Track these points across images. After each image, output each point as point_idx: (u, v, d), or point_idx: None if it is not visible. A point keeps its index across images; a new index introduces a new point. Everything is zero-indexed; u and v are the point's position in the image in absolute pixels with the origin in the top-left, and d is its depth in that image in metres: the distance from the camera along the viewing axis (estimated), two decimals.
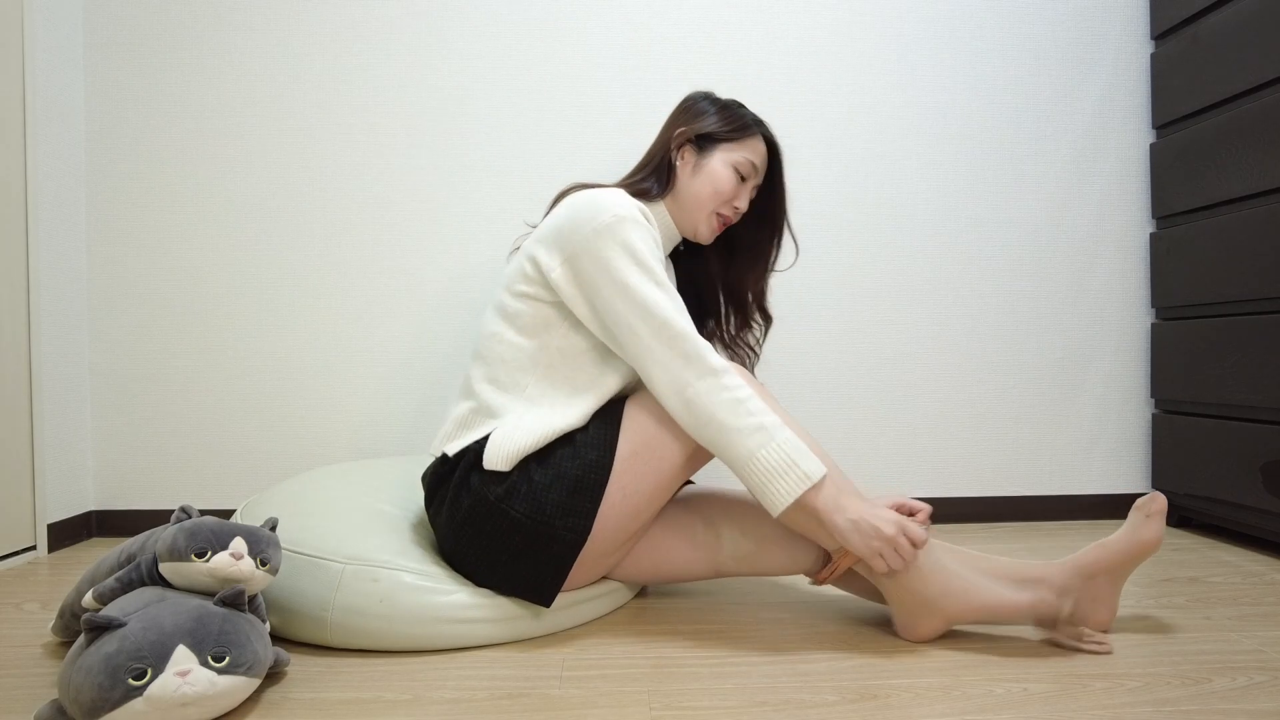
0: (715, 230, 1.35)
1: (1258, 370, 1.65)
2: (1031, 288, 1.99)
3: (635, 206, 1.21)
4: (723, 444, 1.10)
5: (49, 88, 1.74)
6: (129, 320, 1.87)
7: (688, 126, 1.33)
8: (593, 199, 1.20)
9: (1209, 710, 0.94)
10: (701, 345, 1.13)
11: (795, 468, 1.08)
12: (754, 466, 1.09)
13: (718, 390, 1.10)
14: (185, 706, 0.85)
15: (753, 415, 1.10)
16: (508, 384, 1.21)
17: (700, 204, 1.32)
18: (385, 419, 1.89)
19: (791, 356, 1.95)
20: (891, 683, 1.02)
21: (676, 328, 1.13)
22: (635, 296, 1.14)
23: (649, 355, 1.14)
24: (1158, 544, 1.15)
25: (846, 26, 1.95)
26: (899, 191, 1.97)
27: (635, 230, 1.17)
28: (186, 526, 0.99)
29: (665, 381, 1.13)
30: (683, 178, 1.33)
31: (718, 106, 1.35)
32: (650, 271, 1.16)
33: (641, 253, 1.16)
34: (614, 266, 1.15)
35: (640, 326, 1.14)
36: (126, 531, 1.87)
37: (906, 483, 1.98)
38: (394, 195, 1.89)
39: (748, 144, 1.33)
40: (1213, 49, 1.77)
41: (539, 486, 1.13)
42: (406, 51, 1.88)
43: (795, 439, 1.10)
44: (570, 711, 0.95)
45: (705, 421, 1.11)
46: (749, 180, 1.34)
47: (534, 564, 1.14)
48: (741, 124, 1.33)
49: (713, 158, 1.32)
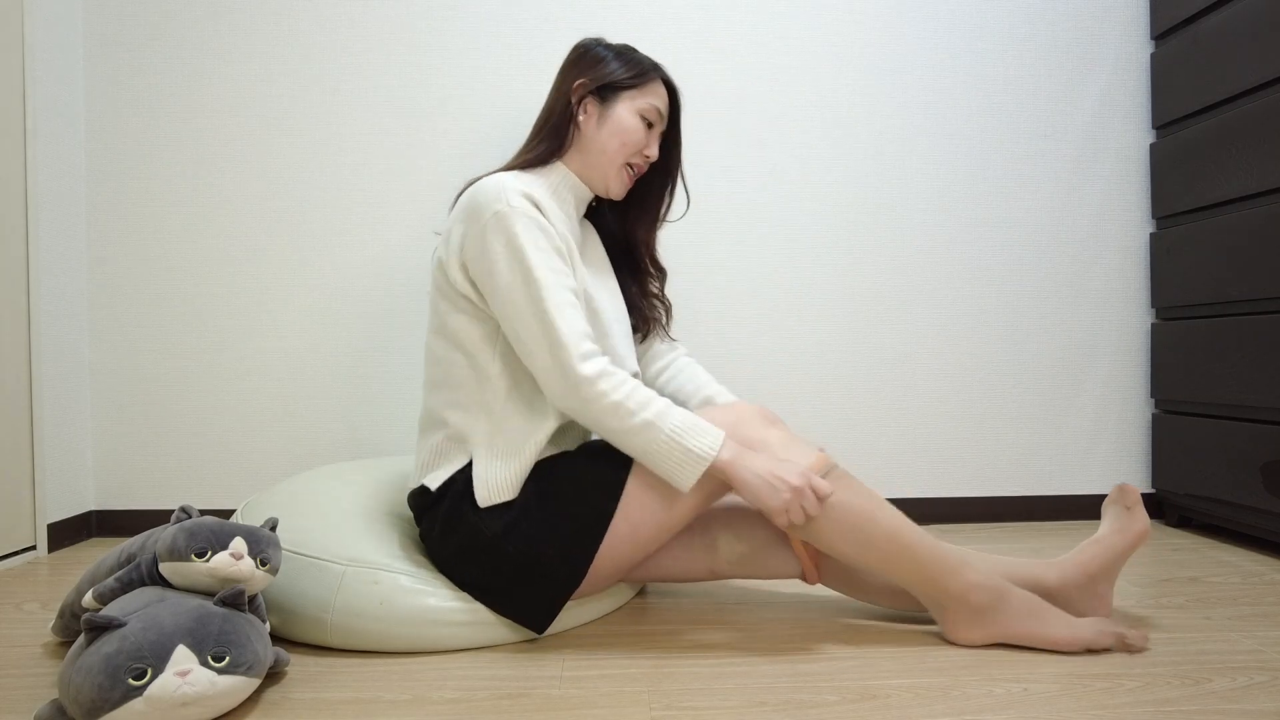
0: (627, 184, 1.30)
1: (1258, 370, 1.65)
2: (1031, 288, 1.99)
3: (518, 193, 1.15)
4: (618, 444, 1.11)
5: (49, 88, 1.74)
6: (129, 320, 1.87)
7: (587, 77, 1.26)
8: (477, 194, 1.16)
9: (1209, 710, 0.94)
10: (575, 353, 1.10)
11: (688, 452, 1.09)
12: (650, 461, 1.10)
13: (595, 398, 1.09)
14: (185, 706, 0.85)
15: (634, 415, 1.09)
16: (472, 405, 1.18)
17: (610, 157, 1.26)
18: (385, 419, 1.89)
19: (792, 356, 1.95)
20: (891, 683, 1.02)
21: (553, 335, 1.10)
22: (516, 300, 1.11)
23: (533, 360, 1.12)
24: (1147, 532, 1.16)
25: (846, 27, 1.95)
26: (899, 191, 1.97)
27: (517, 223, 1.12)
28: (186, 526, 0.99)
29: (549, 388, 1.12)
30: (587, 131, 1.26)
31: (614, 52, 1.28)
32: (530, 271, 1.11)
33: (523, 249, 1.11)
34: (498, 269, 1.12)
35: (521, 331, 1.12)
36: (126, 531, 1.87)
37: (907, 482, 1.98)
38: (394, 195, 1.89)
39: (650, 89, 1.27)
40: (1213, 49, 1.77)
41: (538, 524, 1.12)
42: (407, 51, 1.88)
43: (683, 421, 1.09)
44: (570, 711, 0.95)
45: (595, 427, 1.12)
46: (656, 127, 1.28)
47: (528, 596, 1.14)
48: (641, 69, 1.27)
49: (617, 106, 1.25)
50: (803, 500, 1.08)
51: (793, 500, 1.08)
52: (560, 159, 1.29)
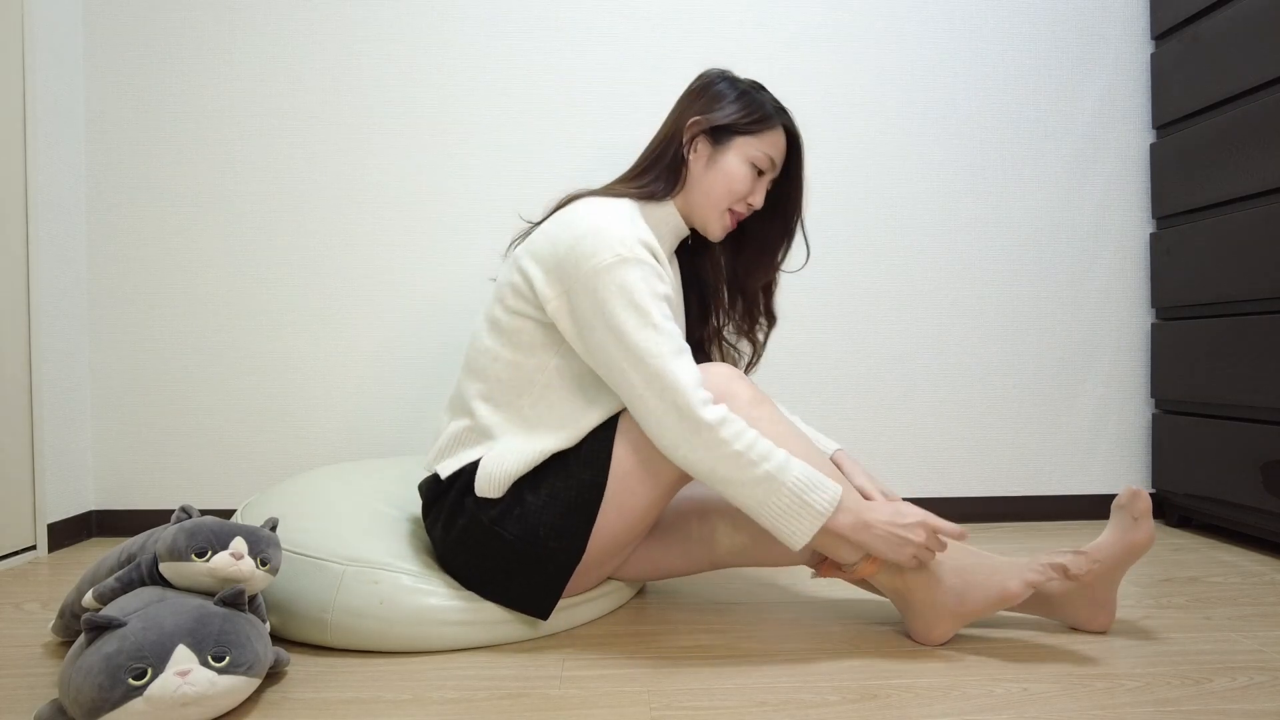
0: (728, 228, 1.26)
1: (1258, 370, 1.65)
2: (1031, 288, 1.99)
3: (639, 242, 1.12)
4: (730, 495, 1.07)
5: (49, 88, 1.74)
6: (129, 320, 1.87)
7: (703, 116, 1.22)
8: (595, 232, 1.11)
9: (1209, 710, 0.94)
10: (695, 399, 1.05)
11: (808, 508, 1.04)
12: (765, 514, 1.05)
13: (715, 445, 1.04)
14: (185, 706, 0.85)
15: (755, 466, 1.04)
16: (504, 404, 1.17)
17: (713, 202, 1.23)
18: (385, 419, 1.89)
19: (793, 357, 1.95)
20: (891, 683, 1.02)
21: (669, 379, 1.06)
22: (629, 343, 1.07)
23: (642, 405, 1.08)
24: (1151, 543, 1.14)
25: (846, 26, 1.95)
26: (899, 192, 1.97)
27: (635, 271, 1.09)
28: (186, 526, 0.99)
29: (660, 435, 1.08)
30: (695, 172, 1.23)
31: (737, 92, 1.24)
32: (648, 315, 1.08)
33: (640, 295, 1.08)
34: (609, 310, 1.08)
35: (633, 375, 1.08)
36: (126, 531, 1.87)
37: (907, 482, 1.98)
38: (394, 195, 1.89)
39: (767, 137, 1.23)
40: (1213, 49, 1.77)
41: (531, 508, 1.12)
42: (407, 51, 1.88)
43: (803, 474, 1.05)
44: (570, 711, 0.95)
45: (709, 476, 1.06)
46: (766, 174, 1.24)
47: (528, 582, 1.14)
48: (763, 114, 1.22)
49: (729, 152, 1.21)
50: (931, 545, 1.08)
51: (920, 549, 1.08)
52: (671, 199, 1.25)
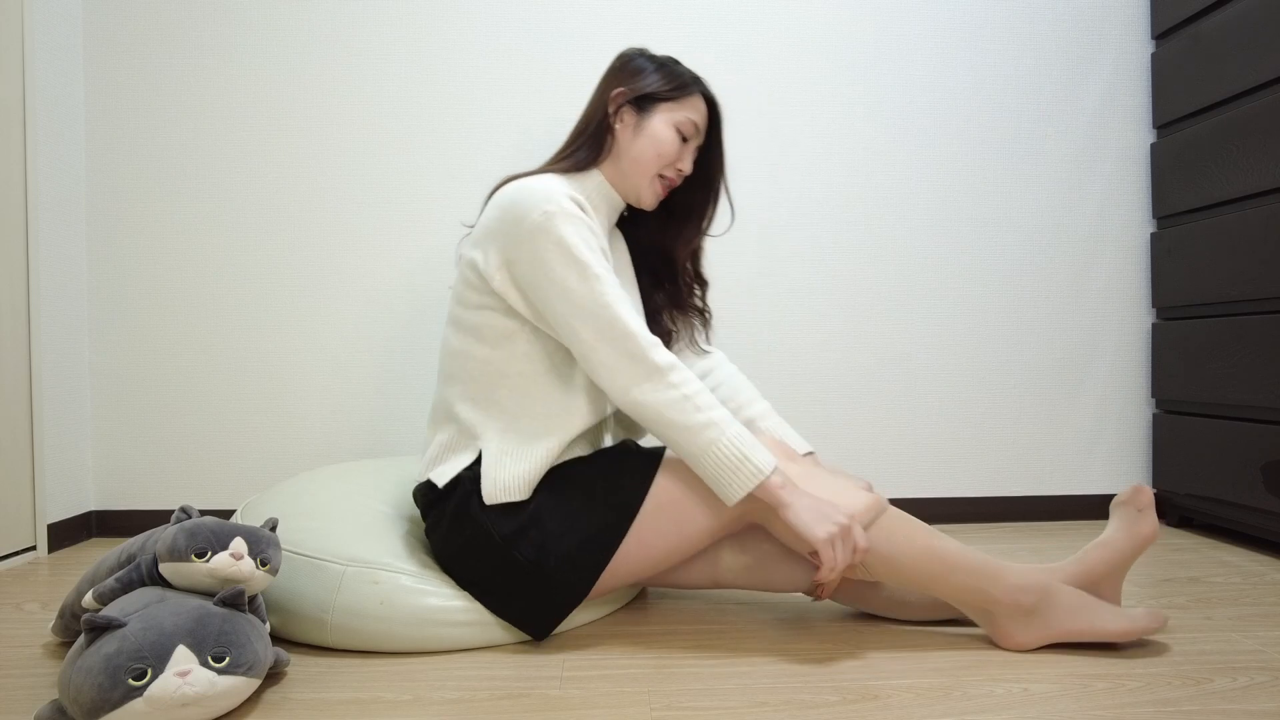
0: (659, 194, 1.29)
1: (1258, 370, 1.65)
2: (1031, 288, 1.99)
3: (565, 196, 1.15)
4: (674, 441, 1.10)
5: (49, 88, 1.74)
6: (129, 320, 1.87)
7: (626, 87, 1.27)
8: (521, 194, 1.15)
9: (1209, 710, 0.94)
10: (645, 342, 1.10)
11: (747, 462, 1.08)
12: (706, 462, 1.09)
13: (664, 389, 1.09)
14: (185, 707, 0.85)
15: (701, 411, 1.08)
16: (484, 401, 1.18)
17: (643, 168, 1.26)
18: (385, 419, 1.89)
19: (793, 356, 1.95)
20: (891, 683, 1.02)
21: (619, 327, 1.10)
22: (574, 297, 1.11)
23: (593, 356, 1.12)
24: (1155, 536, 1.14)
25: (846, 26, 1.95)
26: (899, 191, 1.97)
27: (567, 224, 1.13)
28: (186, 526, 0.99)
29: (612, 382, 1.11)
30: (623, 141, 1.27)
31: (656, 64, 1.29)
32: (587, 267, 1.11)
33: (577, 248, 1.12)
34: (550, 267, 1.12)
35: (582, 329, 1.11)
36: (126, 531, 1.87)
37: (907, 482, 1.98)
38: (394, 195, 1.89)
39: (688, 103, 1.27)
40: (1213, 49, 1.77)
41: (549, 534, 1.12)
42: (407, 51, 1.88)
43: (745, 433, 1.09)
44: (570, 711, 0.95)
45: (654, 420, 1.10)
46: (691, 141, 1.28)
47: (531, 603, 1.14)
48: (681, 82, 1.27)
49: (653, 118, 1.25)
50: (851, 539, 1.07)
51: (839, 536, 1.06)
52: (597, 167, 1.29)
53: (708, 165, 1.35)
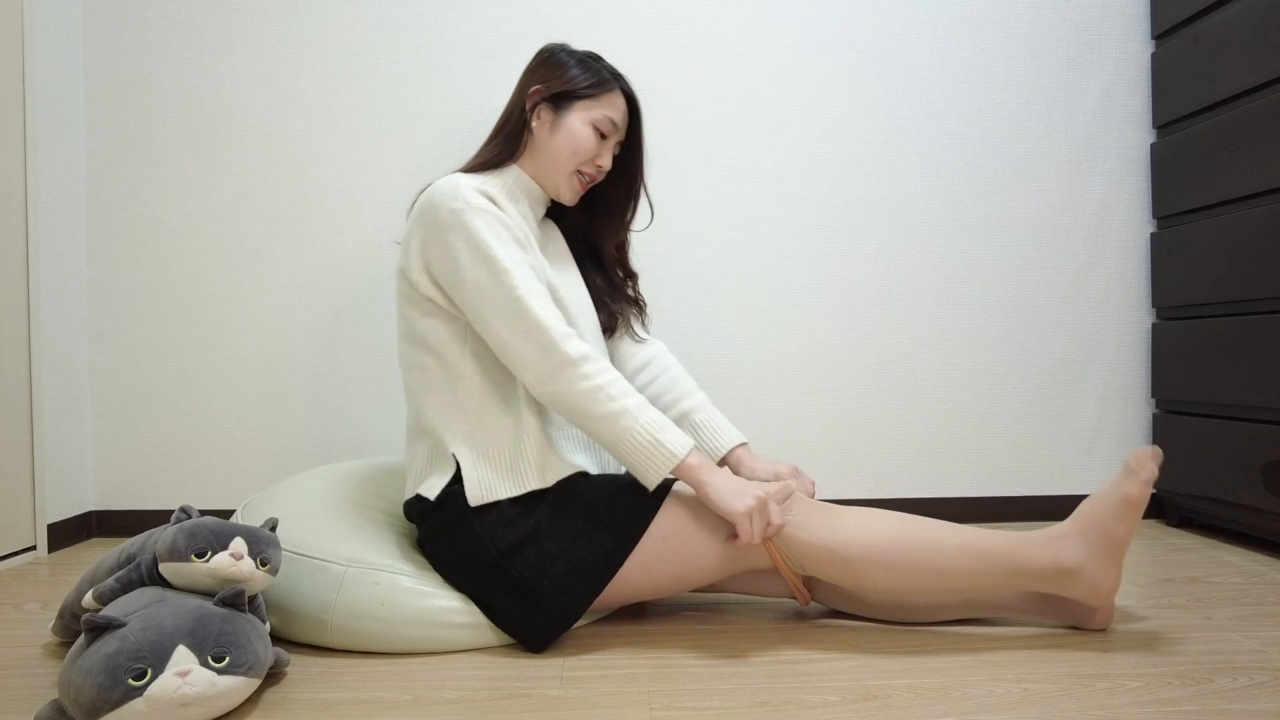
0: (578, 190, 1.30)
1: (1258, 370, 1.65)
2: (1031, 288, 1.99)
3: (472, 190, 1.16)
4: (591, 431, 1.11)
5: (49, 88, 1.74)
6: (129, 320, 1.87)
7: (543, 84, 1.27)
8: (430, 196, 1.17)
9: (1209, 710, 0.94)
10: (556, 334, 1.11)
11: (660, 446, 1.09)
12: (622, 449, 1.10)
13: (577, 380, 1.10)
14: (185, 707, 0.85)
15: (614, 400, 1.09)
16: (448, 407, 1.19)
17: (559, 164, 1.26)
18: (385, 419, 1.89)
19: (793, 356, 1.95)
20: (891, 683, 1.02)
21: (529, 319, 1.11)
22: (485, 292, 1.12)
23: (508, 351, 1.13)
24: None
25: (846, 26, 1.95)
26: (899, 192, 1.97)
27: (476, 218, 1.13)
28: (186, 526, 0.99)
29: (527, 375, 1.12)
30: (540, 138, 1.27)
31: (575, 59, 1.29)
32: (496, 261, 1.12)
33: (486, 243, 1.13)
34: (461, 263, 1.13)
35: (495, 322, 1.12)
36: (126, 531, 1.87)
37: (907, 482, 1.98)
38: (394, 196, 1.89)
39: (606, 100, 1.27)
40: (1213, 49, 1.77)
41: (546, 553, 1.11)
42: (407, 52, 1.88)
43: (659, 418, 1.11)
44: (570, 711, 0.95)
45: (570, 410, 1.11)
46: (610, 138, 1.29)
47: (525, 620, 1.13)
48: (599, 79, 1.27)
49: (570, 116, 1.26)
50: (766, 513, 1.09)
51: (756, 508, 1.08)
52: (514, 162, 1.30)
53: (628, 163, 1.35)
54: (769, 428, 1.94)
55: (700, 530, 1.13)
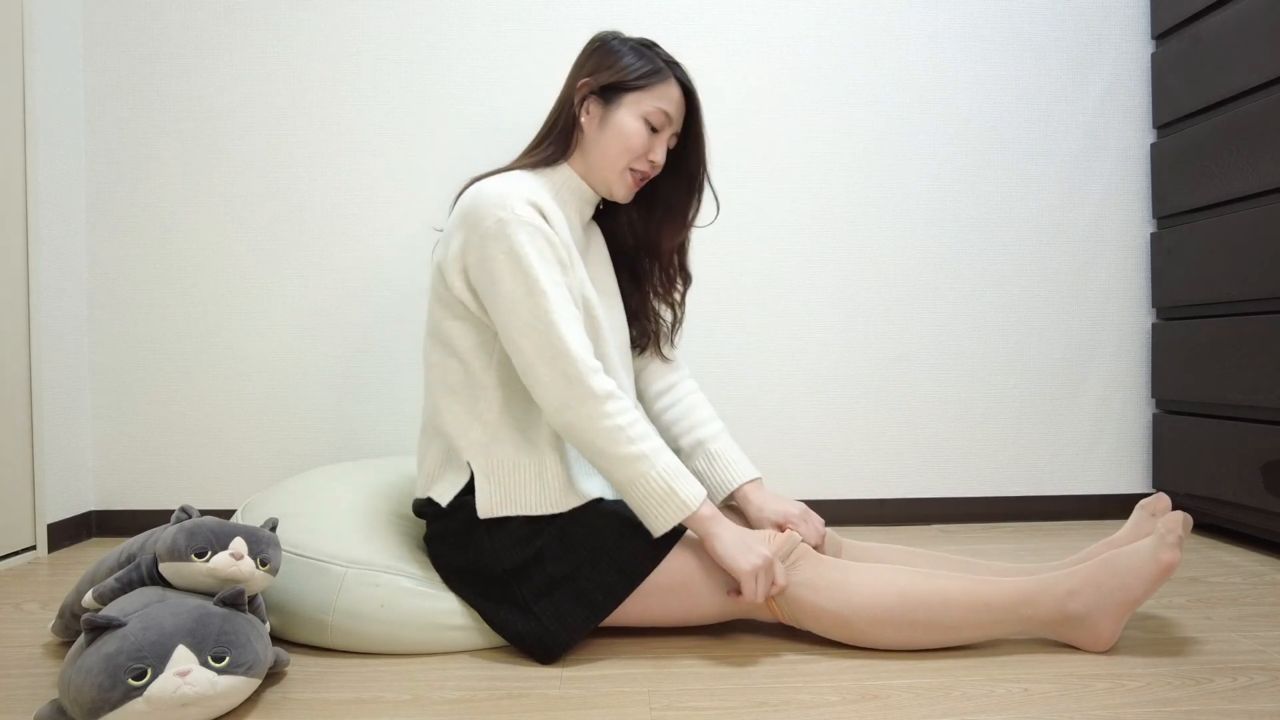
0: (631, 187, 1.24)
1: (1258, 370, 1.65)
2: (1032, 288, 1.99)
3: (523, 200, 1.11)
4: (603, 467, 1.08)
5: (49, 88, 1.74)
6: (129, 320, 1.87)
7: (591, 77, 1.20)
8: (478, 199, 1.12)
9: (1210, 710, 0.94)
10: (584, 367, 1.07)
11: (674, 495, 1.07)
12: (634, 493, 1.07)
13: (599, 417, 1.06)
14: (185, 707, 0.85)
15: (632, 443, 1.06)
16: (465, 413, 1.16)
17: (609, 162, 1.20)
18: (385, 419, 1.89)
19: (793, 356, 1.95)
20: (891, 683, 1.02)
21: (559, 346, 1.07)
22: (519, 310, 1.08)
23: (532, 372, 1.09)
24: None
25: (846, 26, 1.95)
26: (899, 191, 1.97)
27: (521, 231, 1.08)
28: (186, 526, 0.99)
29: (545, 399, 1.09)
30: (589, 134, 1.21)
31: (628, 48, 1.21)
32: (535, 282, 1.07)
33: (528, 258, 1.08)
34: (499, 275, 1.08)
35: (522, 341, 1.08)
36: (126, 531, 1.87)
37: (907, 482, 1.98)
38: (394, 196, 1.89)
39: (659, 90, 1.20)
40: (1213, 49, 1.77)
41: (549, 578, 1.10)
42: (407, 52, 1.88)
43: (675, 465, 1.08)
44: (570, 711, 0.95)
45: (585, 444, 1.08)
46: (663, 131, 1.21)
47: (524, 635, 1.11)
48: (651, 68, 1.20)
49: (619, 109, 1.19)
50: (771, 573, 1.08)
51: (762, 568, 1.07)
52: (565, 161, 1.24)
53: (688, 155, 1.28)
54: (769, 428, 1.94)
55: (705, 580, 1.12)
